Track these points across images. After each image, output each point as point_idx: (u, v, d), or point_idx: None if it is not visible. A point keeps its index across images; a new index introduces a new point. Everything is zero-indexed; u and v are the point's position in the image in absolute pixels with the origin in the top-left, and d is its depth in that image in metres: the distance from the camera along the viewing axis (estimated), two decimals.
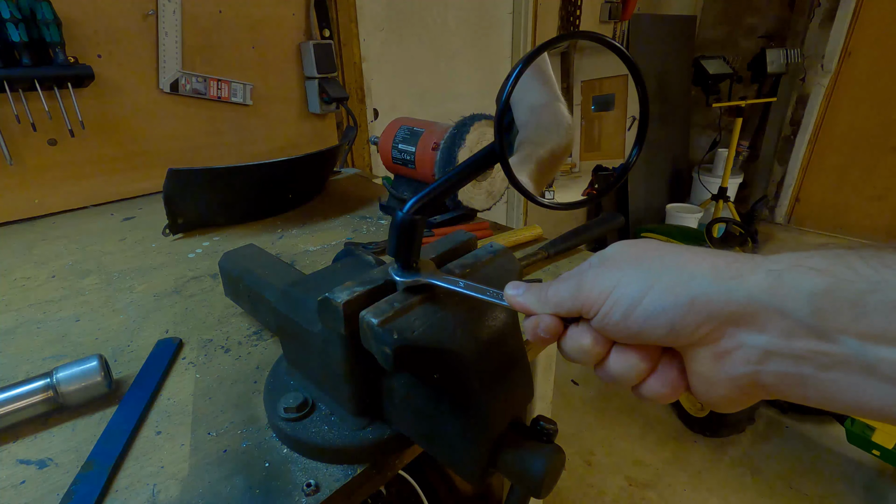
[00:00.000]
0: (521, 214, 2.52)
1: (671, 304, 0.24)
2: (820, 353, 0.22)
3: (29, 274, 0.79)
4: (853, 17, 2.74)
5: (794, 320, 0.22)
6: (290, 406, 0.43)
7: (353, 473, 0.41)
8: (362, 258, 0.50)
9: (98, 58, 1.06)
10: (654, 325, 0.25)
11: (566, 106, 0.43)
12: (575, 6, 2.31)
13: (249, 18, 1.27)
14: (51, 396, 0.46)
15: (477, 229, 0.89)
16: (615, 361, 0.27)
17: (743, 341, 0.24)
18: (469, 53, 2.08)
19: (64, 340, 0.61)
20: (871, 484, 1.62)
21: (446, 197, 0.37)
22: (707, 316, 0.24)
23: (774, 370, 0.23)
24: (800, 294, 0.22)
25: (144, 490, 0.40)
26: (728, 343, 0.24)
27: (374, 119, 1.73)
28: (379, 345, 0.33)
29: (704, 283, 0.24)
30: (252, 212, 1.02)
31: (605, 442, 1.82)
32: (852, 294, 0.21)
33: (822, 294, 0.22)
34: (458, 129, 0.84)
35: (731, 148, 2.73)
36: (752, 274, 0.24)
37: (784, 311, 0.22)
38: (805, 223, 3.27)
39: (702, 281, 0.24)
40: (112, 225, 1.02)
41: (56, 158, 1.06)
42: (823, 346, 0.22)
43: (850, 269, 0.22)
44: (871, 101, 2.83)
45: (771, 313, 0.23)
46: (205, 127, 1.27)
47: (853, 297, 0.21)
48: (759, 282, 0.23)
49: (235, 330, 0.62)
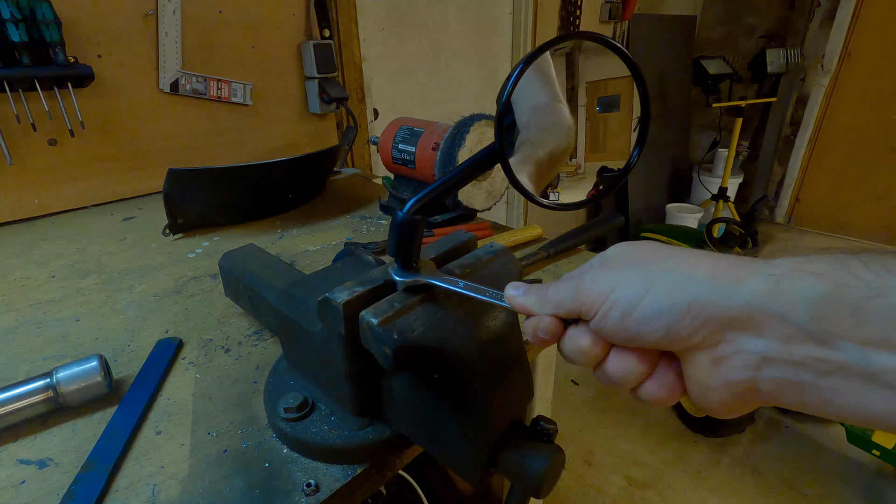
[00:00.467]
0: (521, 214, 2.52)
1: (668, 306, 0.24)
2: (819, 360, 0.21)
3: (29, 274, 0.79)
4: (853, 17, 2.74)
5: (793, 326, 0.22)
6: (290, 406, 0.43)
7: (353, 473, 0.41)
8: (362, 258, 0.50)
9: (98, 58, 1.06)
10: (651, 328, 0.25)
11: (567, 107, 0.43)
12: (575, 6, 2.31)
13: (249, 18, 1.27)
14: (51, 396, 0.46)
15: (477, 229, 0.89)
16: (613, 363, 0.27)
17: (741, 346, 0.23)
18: (469, 53, 2.08)
19: (64, 340, 0.61)
20: (871, 484, 1.62)
21: (447, 197, 0.37)
22: (704, 320, 0.24)
23: (772, 376, 0.23)
24: (800, 299, 0.22)
25: (144, 490, 0.40)
26: (726, 348, 0.24)
27: (374, 119, 1.72)
28: (379, 345, 0.33)
29: (703, 287, 0.24)
30: (252, 212, 1.02)
31: (604, 442, 1.82)
32: (854, 299, 0.20)
33: (822, 299, 0.21)
34: (458, 129, 0.84)
35: (731, 148, 2.73)
36: (752, 278, 0.23)
37: (783, 317, 0.22)
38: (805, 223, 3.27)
39: (700, 284, 0.24)
40: (112, 225, 1.02)
41: (56, 158, 1.06)
42: (823, 353, 0.21)
43: (851, 273, 0.21)
44: (871, 101, 2.83)
45: (770, 318, 0.22)
46: (205, 127, 1.27)
47: (854, 303, 0.20)
48: (758, 286, 0.23)
49: (235, 330, 0.62)
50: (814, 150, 3.10)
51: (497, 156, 0.33)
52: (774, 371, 0.23)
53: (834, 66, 2.85)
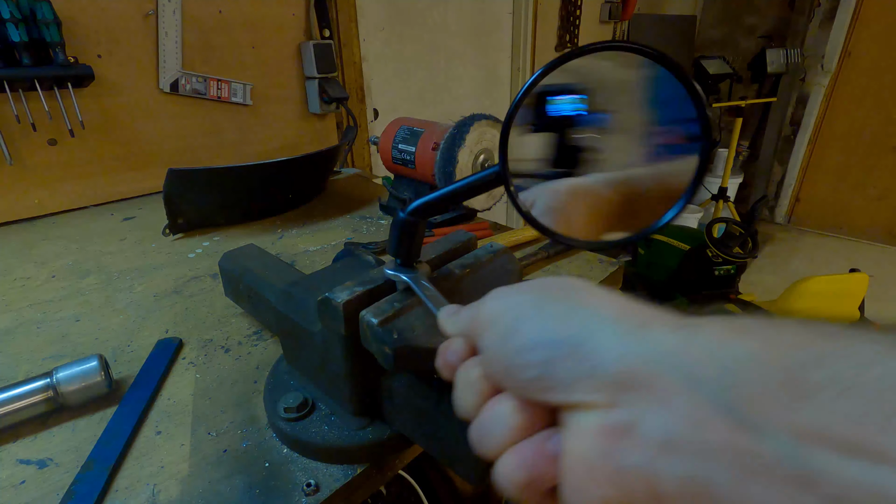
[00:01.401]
0: None
1: (551, 340, 0.19)
2: (739, 451, 0.14)
3: (29, 274, 0.79)
4: (853, 17, 2.74)
5: (704, 397, 0.15)
6: (290, 406, 0.43)
7: (353, 473, 0.41)
8: (362, 258, 0.50)
9: (98, 58, 1.06)
10: (525, 360, 0.20)
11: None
12: (575, 6, 2.32)
13: (249, 18, 1.27)
14: (51, 396, 0.46)
15: (477, 229, 0.89)
16: (489, 407, 0.22)
17: (641, 417, 0.17)
18: (469, 53, 2.08)
19: (64, 340, 0.61)
20: None
21: (447, 208, 0.36)
22: (593, 369, 0.18)
23: (677, 473, 0.15)
24: (715, 359, 0.16)
25: (144, 490, 0.40)
26: (622, 415, 0.17)
27: (374, 119, 1.73)
28: (379, 345, 0.33)
29: (599, 327, 0.19)
30: (252, 212, 1.02)
31: None
32: (787, 365, 0.15)
33: (745, 363, 0.15)
34: (458, 129, 0.84)
35: (731, 148, 2.73)
36: (660, 326, 0.18)
37: (693, 382, 0.16)
38: (805, 223, 3.27)
39: (597, 323, 0.19)
40: (112, 225, 1.02)
41: (56, 158, 1.06)
42: (744, 441, 0.14)
43: (786, 332, 0.16)
44: (871, 101, 2.83)
45: (676, 384, 0.16)
46: (205, 127, 1.27)
47: (788, 371, 0.14)
48: (664, 337, 0.17)
49: (235, 330, 0.62)
50: (814, 150, 3.11)
51: (500, 179, 0.31)
52: (679, 464, 0.15)
53: (834, 65, 2.85)
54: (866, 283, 1.87)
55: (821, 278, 1.91)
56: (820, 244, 3.12)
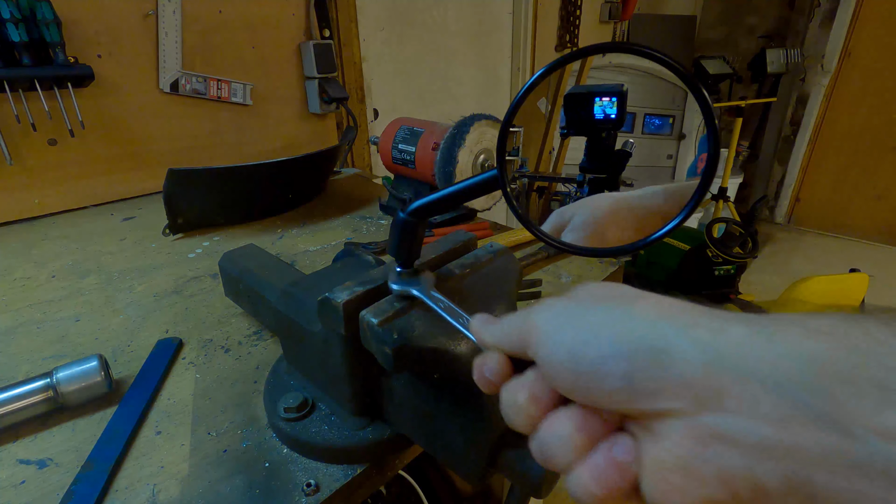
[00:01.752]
0: None
1: (631, 350, 0.19)
2: (832, 451, 0.15)
3: (29, 274, 0.79)
4: (853, 17, 2.74)
5: (790, 400, 0.16)
6: (290, 406, 0.43)
7: (353, 473, 0.41)
8: (362, 258, 0.50)
9: (98, 58, 1.06)
10: (606, 372, 0.19)
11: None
12: (575, 6, 2.31)
13: (249, 18, 1.27)
14: (51, 396, 0.46)
15: (477, 229, 0.89)
16: (551, 423, 0.21)
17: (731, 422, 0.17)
18: (469, 53, 2.08)
19: (64, 340, 0.61)
20: None
21: (446, 209, 0.36)
22: (680, 375, 0.18)
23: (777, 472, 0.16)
24: (796, 362, 0.16)
25: (144, 490, 0.40)
26: (713, 420, 0.17)
27: (374, 119, 1.73)
28: (379, 345, 0.33)
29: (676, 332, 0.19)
30: (252, 212, 1.02)
31: None
32: (875, 368, 0.15)
33: (825, 363, 0.16)
34: (458, 129, 0.84)
35: (731, 148, 2.73)
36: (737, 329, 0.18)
37: (777, 385, 0.16)
38: (805, 223, 3.27)
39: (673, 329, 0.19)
40: (112, 225, 1.02)
41: (56, 158, 1.06)
42: (834, 441, 0.15)
43: (867, 334, 0.16)
44: (871, 101, 2.83)
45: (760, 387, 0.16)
46: (205, 127, 1.27)
47: (877, 374, 0.15)
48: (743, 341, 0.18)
49: (235, 330, 0.62)
50: (814, 150, 3.11)
51: (497, 182, 0.31)
52: (778, 465, 0.16)
53: (834, 66, 2.86)
54: (866, 283, 1.87)
55: (821, 278, 1.91)
56: (820, 244, 3.12)
